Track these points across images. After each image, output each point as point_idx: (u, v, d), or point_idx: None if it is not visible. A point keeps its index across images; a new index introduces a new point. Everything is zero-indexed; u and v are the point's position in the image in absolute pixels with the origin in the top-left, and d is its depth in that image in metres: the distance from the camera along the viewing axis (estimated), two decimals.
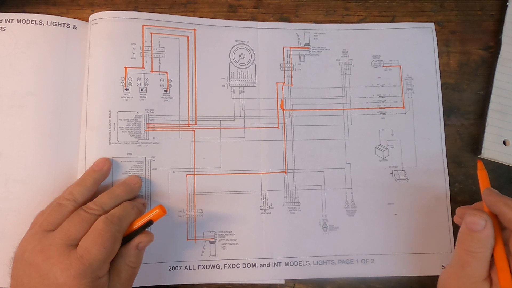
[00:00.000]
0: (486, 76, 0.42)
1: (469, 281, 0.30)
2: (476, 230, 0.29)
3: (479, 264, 0.29)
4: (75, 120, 0.38)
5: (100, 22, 0.39)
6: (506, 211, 0.29)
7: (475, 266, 0.29)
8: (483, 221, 0.29)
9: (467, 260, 0.30)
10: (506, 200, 0.30)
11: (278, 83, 0.41)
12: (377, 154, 0.40)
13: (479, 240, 0.29)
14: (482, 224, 0.29)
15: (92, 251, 0.29)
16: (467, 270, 0.30)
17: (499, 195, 0.31)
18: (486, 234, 0.29)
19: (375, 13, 0.43)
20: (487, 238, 0.29)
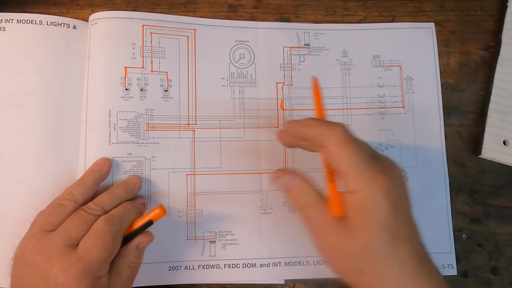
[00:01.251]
0: (486, 76, 0.42)
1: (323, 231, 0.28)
2: (289, 188, 0.30)
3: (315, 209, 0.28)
4: (75, 120, 0.38)
5: (100, 22, 0.39)
6: (306, 131, 0.29)
7: (315, 213, 0.28)
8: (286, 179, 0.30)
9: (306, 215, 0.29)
10: (303, 121, 0.29)
11: (278, 83, 0.41)
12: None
13: (299, 194, 0.29)
14: (288, 182, 0.29)
15: (92, 251, 0.29)
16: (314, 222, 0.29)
17: (296, 121, 0.29)
18: (299, 186, 0.29)
19: (375, 13, 0.43)
20: (303, 188, 0.29)
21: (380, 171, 0.27)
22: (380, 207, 0.26)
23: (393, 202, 0.26)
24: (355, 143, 0.27)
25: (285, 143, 0.33)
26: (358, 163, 0.26)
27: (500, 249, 0.39)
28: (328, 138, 0.28)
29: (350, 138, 0.27)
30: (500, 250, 0.39)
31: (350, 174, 0.27)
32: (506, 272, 0.39)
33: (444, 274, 0.38)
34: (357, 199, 0.26)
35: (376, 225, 0.26)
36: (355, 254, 0.27)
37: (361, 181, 0.26)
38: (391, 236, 0.26)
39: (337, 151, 0.27)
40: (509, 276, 0.39)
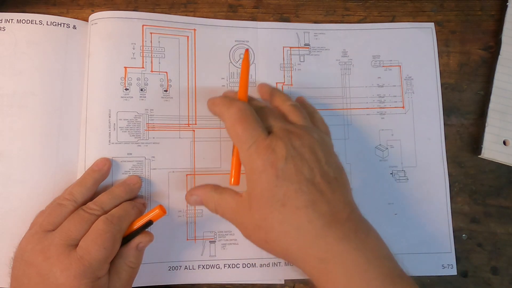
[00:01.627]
0: (486, 76, 0.42)
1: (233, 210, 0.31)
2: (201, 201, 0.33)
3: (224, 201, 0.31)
4: (75, 120, 0.38)
5: (100, 22, 0.39)
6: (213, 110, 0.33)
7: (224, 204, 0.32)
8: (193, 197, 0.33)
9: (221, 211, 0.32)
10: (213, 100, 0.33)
11: (278, 83, 0.41)
12: (377, 154, 0.40)
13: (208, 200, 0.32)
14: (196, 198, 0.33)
15: (92, 251, 0.29)
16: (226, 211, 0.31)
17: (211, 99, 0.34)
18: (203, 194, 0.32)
19: (375, 13, 0.43)
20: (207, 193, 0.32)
21: (265, 146, 0.29)
22: (264, 180, 0.28)
23: (276, 173, 0.28)
24: (247, 120, 0.30)
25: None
26: (245, 139, 0.29)
27: (500, 249, 0.39)
28: (225, 118, 0.31)
29: (243, 116, 0.30)
30: (500, 250, 0.39)
31: (239, 150, 0.29)
32: (506, 272, 0.39)
33: (444, 274, 0.38)
34: (247, 175, 0.29)
35: (263, 198, 0.28)
36: (256, 227, 0.29)
37: (246, 157, 0.29)
38: (281, 204, 0.28)
39: (230, 129, 0.30)
40: (509, 276, 0.39)
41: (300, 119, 0.33)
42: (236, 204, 0.31)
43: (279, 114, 0.33)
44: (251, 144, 0.29)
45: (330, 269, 0.27)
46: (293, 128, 0.31)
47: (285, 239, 0.28)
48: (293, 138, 0.30)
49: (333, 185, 0.29)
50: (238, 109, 0.30)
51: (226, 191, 0.32)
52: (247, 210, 0.29)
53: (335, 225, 0.28)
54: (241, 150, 0.30)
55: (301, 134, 0.30)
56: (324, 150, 0.31)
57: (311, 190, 0.28)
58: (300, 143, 0.29)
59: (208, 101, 0.34)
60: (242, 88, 0.34)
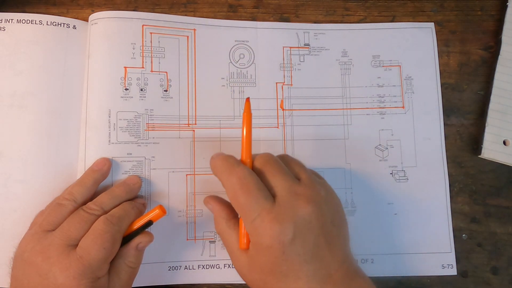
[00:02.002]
0: (486, 76, 0.42)
1: (233, 257, 0.31)
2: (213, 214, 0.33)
3: (226, 236, 0.31)
4: (75, 120, 0.38)
5: (100, 22, 0.39)
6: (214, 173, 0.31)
7: (229, 241, 0.31)
8: (209, 205, 0.33)
9: (223, 239, 0.32)
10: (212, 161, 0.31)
11: (278, 83, 0.41)
12: (377, 154, 0.40)
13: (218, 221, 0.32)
14: (212, 209, 0.33)
15: (91, 251, 0.29)
16: (228, 246, 0.31)
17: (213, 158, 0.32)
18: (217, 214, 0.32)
19: (375, 13, 0.43)
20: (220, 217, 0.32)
21: (271, 220, 0.28)
22: (270, 254, 0.28)
23: (283, 249, 0.27)
24: (249, 190, 0.28)
25: None
26: (249, 212, 0.28)
27: (500, 249, 0.39)
28: (226, 186, 0.30)
29: (244, 185, 0.29)
30: (500, 250, 0.39)
31: (244, 221, 0.29)
32: (506, 272, 0.39)
33: (444, 274, 0.38)
34: (252, 244, 0.29)
35: (267, 267, 0.28)
36: (253, 280, 0.30)
37: (252, 229, 0.28)
38: (283, 275, 0.28)
39: (232, 200, 0.30)
40: (509, 276, 0.39)
41: (301, 170, 0.31)
42: (239, 253, 0.30)
43: (284, 169, 0.31)
44: (256, 217, 0.28)
45: None
46: (299, 189, 0.29)
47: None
48: (300, 204, 0.28)
49: (333, 245, 0.29)
50: (238, 177, 0.29)
51: (236, 230, 0.31)
52: (248, 267, 0.30)
53: (330, 286, 0.28)
54: (245, 222, 0.29)
55: (309, 197, 0.29)
56: (330, 208, 0.30)
57: (314, 259, 0.28)
58: (308, 210, 0.28)
59: (211, 161, 0.32)
60: (245, 146, 0.31)
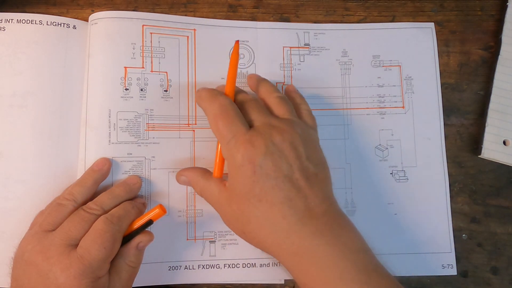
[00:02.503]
0: (486, 76, 0.42)
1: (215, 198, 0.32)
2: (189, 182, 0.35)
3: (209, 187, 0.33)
4: (75, 120, 0.38)
5: (100, 22, 0.39)
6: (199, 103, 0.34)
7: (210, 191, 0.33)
8: (182, 178, 0.35)
9: (206, 195, 0.33)
10: (198, 91, 0.34)
11: (278, 83, 0.41)
12: (377, 154, 0.40)
13: (195, 182, 0.34)
14: (185, 178, 0.35)
15: (92, 251, 0.29)
16: (210, 197, 0.33)
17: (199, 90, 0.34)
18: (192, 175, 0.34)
19: (375, 13, 0.43)
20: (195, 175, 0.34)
21: (245, 140, 0.29)
22: (242, 174, 0.29)
23: (254, 168, 0.28)
24: (228, 115, 0.30)
25: None
26: (225, 134, 0.30)
27: (500, 249, 0.39)
28: (207, 112, 0.32)
29: (224, 111, 0.31)
30: (500, 250, 0.39)
31: (221, 145, 0.31)
32: (506, 272, 0.39)
33: (444, 274, 0.38)
34: (228, 168, 0.30)
35: (242, 192, 0.29)
36: (235, 217, 0.31)
37: (226, 151, 0.30)
38: (257, 200, 0.29)
39: (211, 124, 0.31)
40: (509, 276, 0.39)
41: (285, 112, 0.33)
42: (218, 193, 0.32)
43: (263, 107, 0.33)
44: (231, 138, 0.30)
45: (303, 262, 0.28)
46: (275, 122, 0.31)
47: (261, 232, 0.29)
48: (274, 133, 0.30)
49: (311, 181, 0.30)
50: (219, 104, 0.31)
51: (212, 179, 0.33)
52: (227, 200, 0.31)
53: (309, 220, 0.29)
54: (222, 145, 0.31)
55: (283, 129, 0.30)
56: (306, 145, 0.31)
57: (288, 186, 0.29)
58: (281, 138, 0.30)
59: (196, 93, 0.34)
60: (229, 81, 0.34)
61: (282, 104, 0.34)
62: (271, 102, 0.34)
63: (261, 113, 0.32)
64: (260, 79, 0.37)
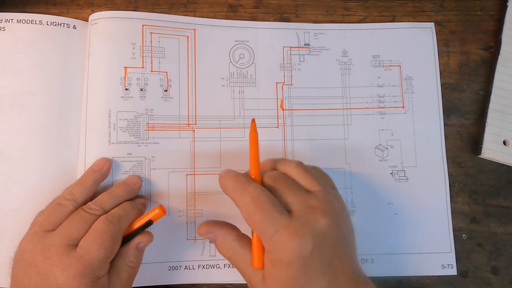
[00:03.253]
0: (486, 76, 0.42)
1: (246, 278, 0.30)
2: (215, 240, 0.31)
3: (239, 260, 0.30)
4: (75, 120, 0.38)
5: (100, 22, 0.39)
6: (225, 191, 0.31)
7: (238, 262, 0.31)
8: (209, 235, 0.31)
9: (235, 263, 0.31)
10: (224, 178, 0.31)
11: (278, 83, 0.41)
12: (377, 154, 0.40)
13: (224, 245, 0.31)
14: (208, 236, 0.31)
15: (92, 251, 0.29)
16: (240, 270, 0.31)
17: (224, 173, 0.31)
18: (223, 238, 0.31)
19: (375, 13, 0.43)
20: (227, 239, 0.31)
21: (289, 235, 0.27)
22: (289, 269, 0.27)
23: (303, 263, 0.27)
24: (264, 208, 0.28)
25: None
26: (266, 229, 0.28)
27: (500, 249, 0.39)
28: (240, 206, 0.29)
29: (258, 204, 0.28)
30: (500, 250, 0.39)
31: (262, 238, 0.28)
32: (506, 272, 0.39)
33: (444, 274, 0.38)
34: (270, 258, 0.28)
35: (286, 283, 0.27)
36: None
37: (270, 246, 0.28)
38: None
39: (247, 219, 0.29)
40: (509, 276, 0.39)
41: (314, 183, 0.31)
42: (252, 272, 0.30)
43: (295, 184, 0.31)
44: (273, 233, 0.27)
45: None
46: (314, 202, 0.29)
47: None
48: (316, 218, 0.28)
49: (344, 255, 0.29)
50: (251, 196, 0.29)
51: (247, 251, 0.30)
52: (263, 282, 0.29)
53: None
54: (263, 239, 0.28)
55: (324, 210, 0.29)
56: (343, 220, 0.30)
57: (329, 271, 0.28)
58: (323, 224, 0.28)
59: (220, 180, 0.31)
60: (253, 163, 0.31)
61: (307, 175, 0.32)
62: (295, 176, 0.32)
63: (296, 193, 0.30)
64: (273, 161, 0.34)
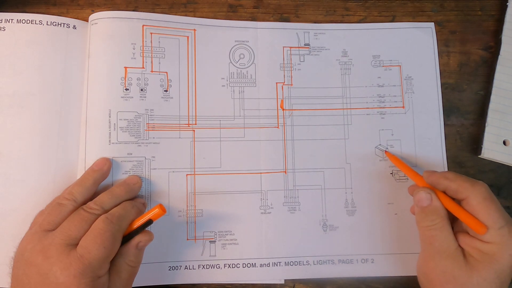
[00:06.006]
0: (486, 76, 0.42)
1: (442, 255, 0.32)
2: (425, 205, 0.33)
3: (443, 233, 0.32)
4: (75, 120, 0.38)
5: (100, 22, 0.39)
6: (447, 184, 0.33)
7: (440, 237, 0.32)
8: (427, 194, 0.33)
9: (431, 235, 0.32)
10: (444, 174, 0.33)
11: (278, 83, 0.41)
12: (377, 154, 0.40)
13: (432, 212, 0.33)
14: (428, 197, 0.33)
15: (92, 250, 0.29)
16: (436, 244, 0.32)
17: (437, 173, 0.34)
18: (435, 204, 0.33)
19: (375, 13, 0.43)
20: (437, 208, 0.33)
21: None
22: (506, 261, 0.30)
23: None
24: (494, 202, 0.31)
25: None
26: (498, 220, 0.31)
27: None
28: (471, 194, 0.32)
29: (490, 196, 0.32)
30: None
31: (490, 228, 0.31)
32: None
33: None
34: (488, 248, 0.31)
35: (495, 273, 0.30)
36: (463, 284, 0.31)
37: (498, 235, 0.30)
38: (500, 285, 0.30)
39: (479, 206, 0.31)
40: None
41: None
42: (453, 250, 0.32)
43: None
44: (503, 225, 0.31)
45: None
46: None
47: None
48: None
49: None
50: (485, 187, 0.32)
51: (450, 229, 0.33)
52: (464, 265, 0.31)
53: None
54: (491, 228, 0.31)
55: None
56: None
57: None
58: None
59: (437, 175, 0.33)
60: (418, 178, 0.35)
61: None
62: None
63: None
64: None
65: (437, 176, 0.33)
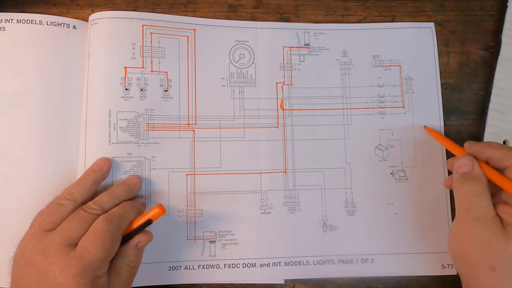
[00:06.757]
0: (486, 76, 0.42)
1: (480, 222, 0.30)
2: (467, 171, 0.32)
3: (482, 200, 0.31)
4: (75, 120, 0.38)
5: (100, 22, 0.39)
6: (492, 152, 0.31)
7: (479, 203, 0.31)
8: (469, 161, 0.32)
9: (469, 200, 0.31)
10: (487, 143, 0.32)
11: (278, 83, 0.41)
12: (377, 154, 0.40)
13: (473, 178, 0.31)
14: (470, 163, 0.32)
15: (91, 250, 0.29)
16: (473, 211, 0.30)
17: (479, 143, 0.33)
18: (476, 171, 0.32)
19: (375, 13, 0.43)
20: (478, 175, 0.32)
21: None
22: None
23: None
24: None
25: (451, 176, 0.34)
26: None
27: None
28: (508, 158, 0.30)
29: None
30: None
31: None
32: None
33: (444, 274, 0.38)
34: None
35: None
36: (498, 253, 0.29)
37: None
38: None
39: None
40: None
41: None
42: (491, 218, 0.30)
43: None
44: None
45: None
46: None
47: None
48: None
49: None
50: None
51: (489, 197, 0.31)
52: (501, 233, 0.29)
53: None
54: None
55: None
56: None
57: None
58: None
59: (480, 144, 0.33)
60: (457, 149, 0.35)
61: None
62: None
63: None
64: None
65: (481, 145, 0.32)
